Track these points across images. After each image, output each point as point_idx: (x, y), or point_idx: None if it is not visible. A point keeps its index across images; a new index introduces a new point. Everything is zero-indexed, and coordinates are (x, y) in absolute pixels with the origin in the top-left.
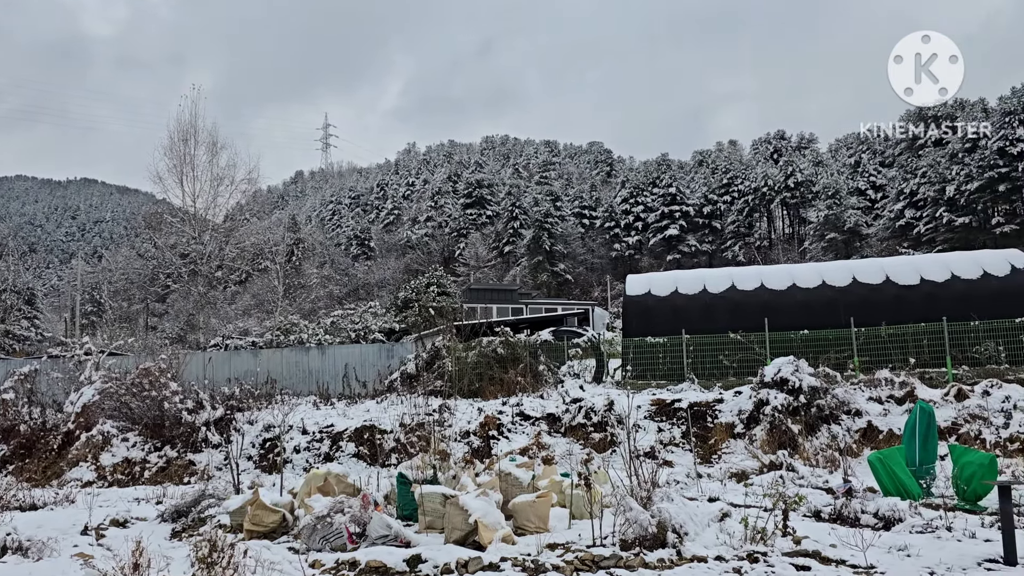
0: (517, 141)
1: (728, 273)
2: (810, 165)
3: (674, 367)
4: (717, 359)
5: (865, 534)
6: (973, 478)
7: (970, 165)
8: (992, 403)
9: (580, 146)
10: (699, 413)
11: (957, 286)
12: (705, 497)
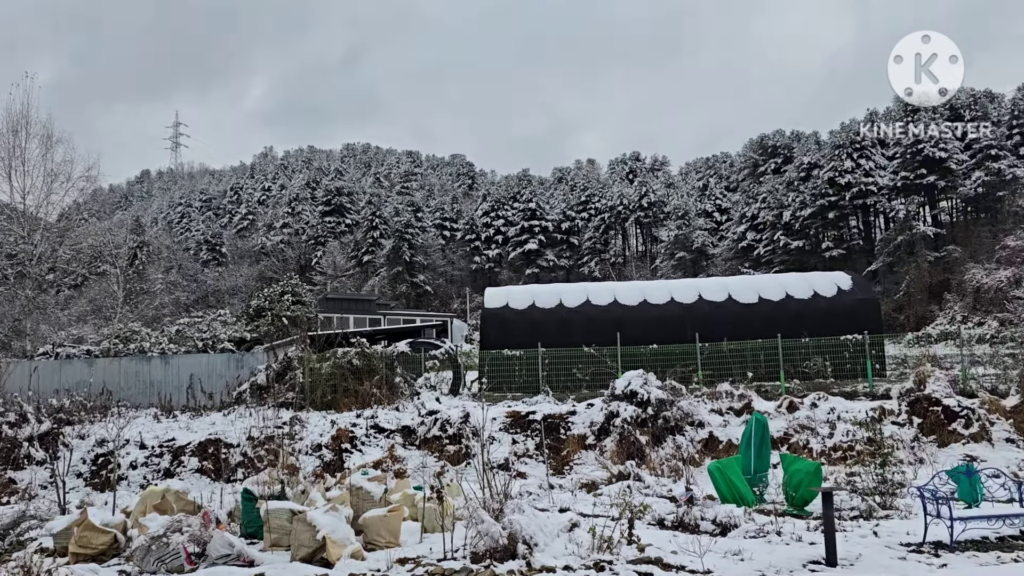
0: (379, 150)
1: (584, 288)
2: (662, 186)
3: (530, 379)
4: (571, 372)
5: (703, 540)
6: (801, 485)
7: (804, 193)
8: (819, 414)
9: (443, 158)
10: (553, 425)
11: (791, 305)
12: (556, 508)
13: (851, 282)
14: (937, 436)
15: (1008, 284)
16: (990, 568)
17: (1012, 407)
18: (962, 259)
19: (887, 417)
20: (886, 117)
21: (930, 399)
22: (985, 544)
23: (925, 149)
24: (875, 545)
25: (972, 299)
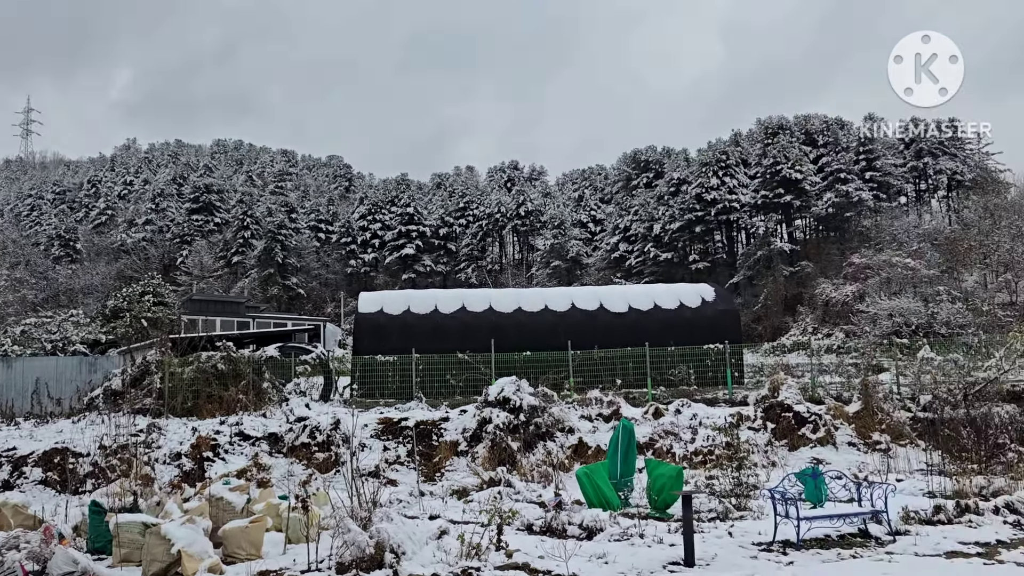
0: (252, 147)
1: (460, 295)
2: (540, 196)
3: (403, 386)
4: (446, 378)
5: (569, 544)
6: (664, 489)
7: (674, 207)
8: (682, 420)
9: (319, 159)
10: (425, 432)
11: (658, 315)
12: (426, 515)
13: (714, 294)
14: (788, 440)
15: (853, 299)
16: (831, 564)
17: (854, 413)
18: (814, 274)
19: (744, 423)
20: (749, 138)
21: (783, 406)
22: (828, 542)
23: (783, 170)
24: (730, 545)
25: (822, 312)
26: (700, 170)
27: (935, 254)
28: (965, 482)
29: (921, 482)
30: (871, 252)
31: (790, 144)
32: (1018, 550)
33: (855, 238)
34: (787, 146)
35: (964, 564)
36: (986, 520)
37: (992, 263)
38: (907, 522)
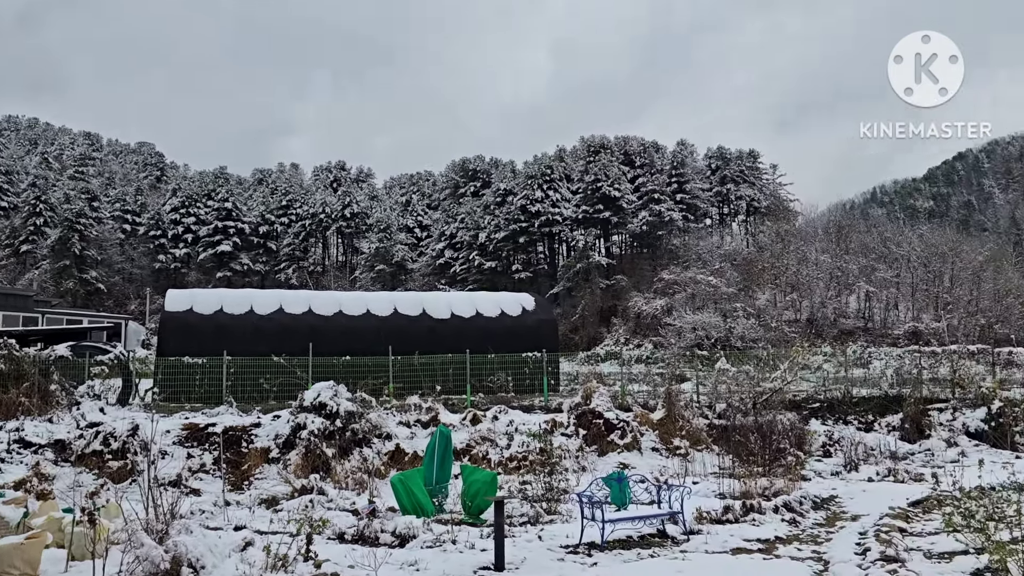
0: (50, 127)
1: (278, 295)
2: (366, 198)
3: (213, 390)
4: (260, 383)
5: (379, 552)
6: (478, 495)
7: (499, 217)
8: (499, 427)
9: (128, 144)
10: (235, 438)
11: (480, 322)
12: (231, 526)
13: (534, 303)
14: (598, 446)
15: (662, 312)
16: (631, 564)
17: (658, 420)
18: (628, 288)
19: (558, 429)
20: (572, 154)
21: (594, 413)
22: (630, 542)
23: (603, 188)
24: (539, 549)
25: (634, 324)
26: (526, 182)
27: (734, 273)
28: (751, 484)
29: (714, 484)
30: (679, 269)
31: (610, 163)
32: (792, 545)
33: (666, 255)
34: (608, 165)
35: (747, 559)
36: (767, 518)
37: (782, 283)
38: (700, 522)
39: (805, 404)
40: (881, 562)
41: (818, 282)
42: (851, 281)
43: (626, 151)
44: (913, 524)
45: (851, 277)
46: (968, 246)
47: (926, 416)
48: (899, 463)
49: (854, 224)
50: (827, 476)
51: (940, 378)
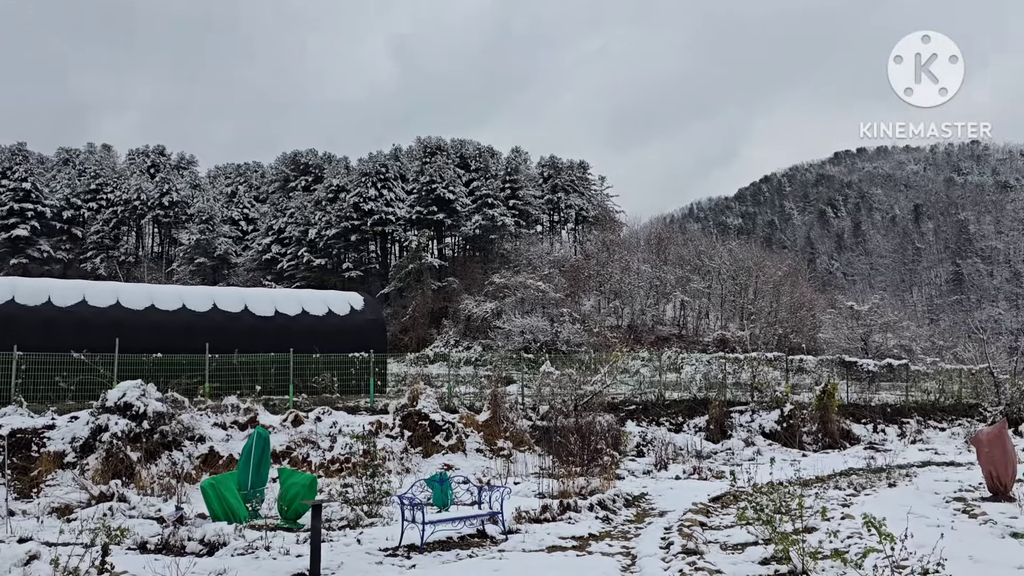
0: None
1: (80, 286)
2: (188, 187)
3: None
4: (55, 381)
5: (183, 562)
6: (296, 499)
7: (331, 213)
8: (322, 428)
9: None
10: (23, 441)
11: (306, 321)
12: (15, 538)
13: (363, 303)
14: (423, 447)
15: (492, 315)
16: (450, 565)
17: (483, 421)
18: (459, 290)
19: (383, 431)
20: (408, 154)
21: (420, 414)
22: (450, 543)
23: (438, 189)
24: (358, 552)
25: (464, 326)
26: (360, 180)
27: (562, 279)
28: (569, 483)
29: (535, 484)
30: (510, 273)
31: (446, 165)
32: (604, 541)
33: (497, 259)
34: (443, 167)
35: (561, 556)
36: (583, 517)
37: (606, 291)
38: (520, 521)
39: (623, 406)
40: (682, 555)
41: (639, 290)
42: (668, 290)
43: (462, 154)
44: (712, 518)
45: (668, 287)
46: (770, 262)
47: (728, 418)
48: (703, 462)
49: (673, 237)
50: (640, 475)
51: (742, 383)
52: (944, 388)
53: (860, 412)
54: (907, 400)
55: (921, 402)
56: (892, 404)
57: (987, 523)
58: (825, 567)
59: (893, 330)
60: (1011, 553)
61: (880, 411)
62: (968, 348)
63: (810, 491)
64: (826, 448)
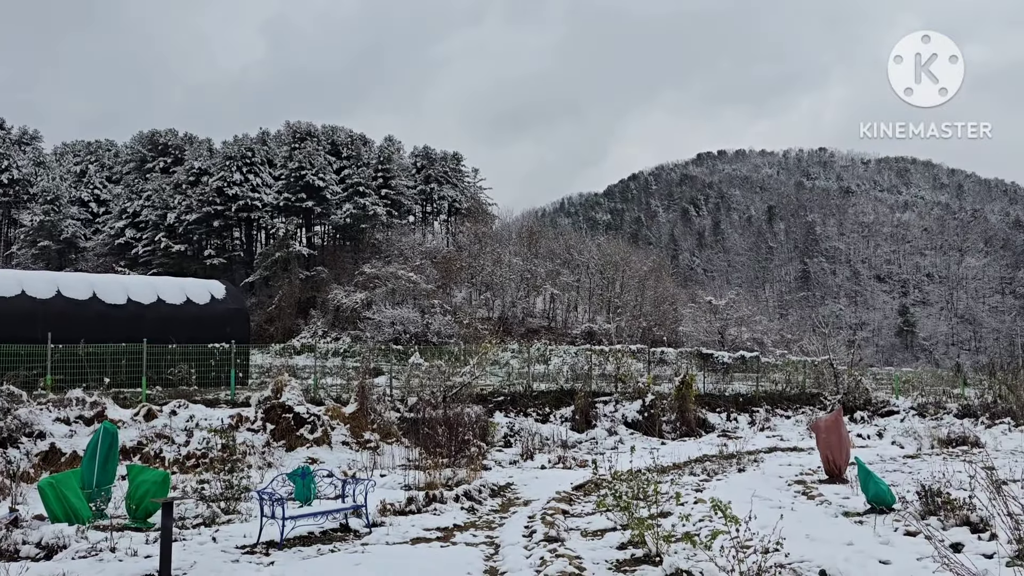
0: None
1: None
2: (31, 164)
3: None
4: None
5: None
6: (146, 496)
7: (192, 197)
8: (178, 422)
9: None
10: None
11: (162, 309)
12: None
13: (225, 291)
14: (287, 441)
15: (362, 306)
16: (311, 560)
17: (350, 414)
18: (328, 280)
19: (244, 424)
20: (277, 139)
21: (284, 407)
22: (311, 539)
23: (307, 176)
24: (212, 551)
25: (333, 316)
26: (224, 163)
27: (434, 271)
28: (436, 475)
29: (401, 476)
30: (381, 264)
31: (316, 152)
32: (469, 531)
33: (368, 249)
34: (313, 153)
35: (425, 547)
36: (449, 507)
37: (477, 283)
38: (384, 514)
39: (491, 397)
40: (544, 542)
41: (510, 283)
42: (539, 283)
43: (333, 141)
44: (575, 506)
45: (539, 280)
46: (636, 257)
47: (593, 408)
48: (568, 451)
49: (544, 231)
50: (506, 465)
51: (607, 374)
52: (790, 379)
53: (715, 402)
54: (757, 390)
55: (770, 392)
56: (744, 394)
57: (823, 503)
58: (677, 549)
59: (747, 324)
60: (842, 531)
61: (733, 400)
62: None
63: (667, 478)
64: (684, 436)
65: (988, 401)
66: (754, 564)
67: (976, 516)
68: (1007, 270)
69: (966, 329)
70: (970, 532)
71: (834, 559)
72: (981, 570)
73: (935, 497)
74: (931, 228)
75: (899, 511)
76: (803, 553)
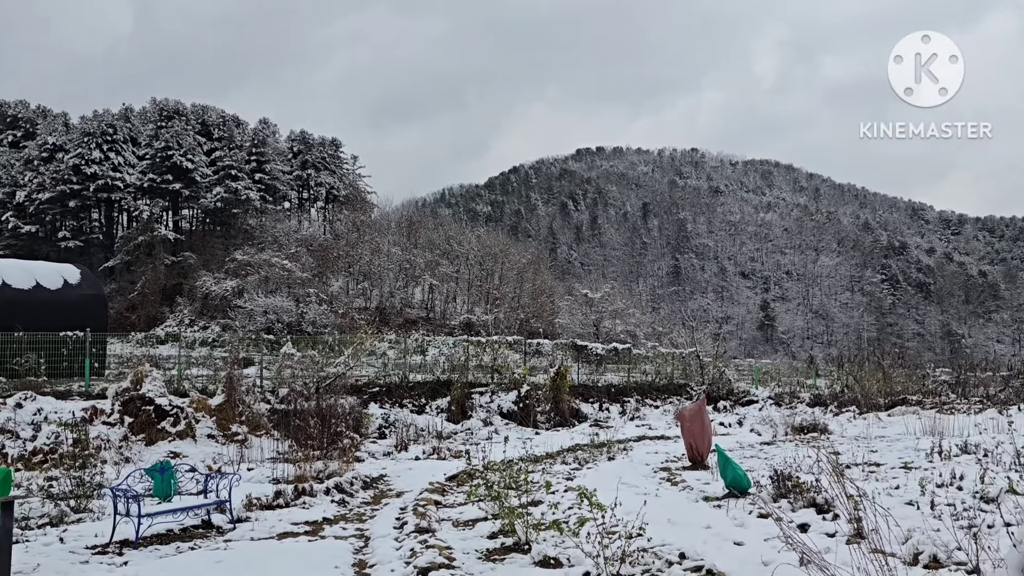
0: None
1: None
2: None
3: None
4: None
5: None
6: None
7: (45, 175)
8: (23, 416)
9: None
10: None
11: (7, 294)
12: None
13: (80, 276)
14: (147, 435)
15: (233, 294)
16: (169, 559)
17: (217, 405)
18: (196, 266)
19: (99, 417)
20: (142, 116)
21: (144, 399)
22: (170, 536)
23: (175, 157)
24: (59, 552)
25: (201, 304)
26: (82, 139)
27: (310, 259)
28: (307, 467)
29: (270, 470)
30: (254, 250)
31: (185, 131)
32: (339, 525)
33: (240, 235)
34: (181, 133)
35: (292, 542)
36: (318, 501)
37: (355, 272)
38: (250, 509)
39: (366, 388)
40: (415, 533)
41: (388, 273)
42: (418, 274)
43: (204, 121)
44: (448, 497)
45: (418, 270)
46: (515, 249)
47: (470, 399)
48: (444, 442)
49: (424, 221)
50: (380, 457)
51: (484, 365)
52: (660, 370)
53: (589, 392)
54: (629, 381)
55: (640, 382)
56: (616, 384)
57: (686, 489)
58: (546, 537)
59: (621, 317)
60: (702, 515)
61: (606, 391)
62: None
63: (539, 467)
64: (558, 426)
65: (836, 391)
66: (618, 549)
67: (821, 498)
68: (856, 269)
69: (820, 324)
70: (816, 513)
71: (693, 542)
72: (823, 548)
73: (786, 481)
74: (791, 228)
75: (754, 495)
76: (665, 537)
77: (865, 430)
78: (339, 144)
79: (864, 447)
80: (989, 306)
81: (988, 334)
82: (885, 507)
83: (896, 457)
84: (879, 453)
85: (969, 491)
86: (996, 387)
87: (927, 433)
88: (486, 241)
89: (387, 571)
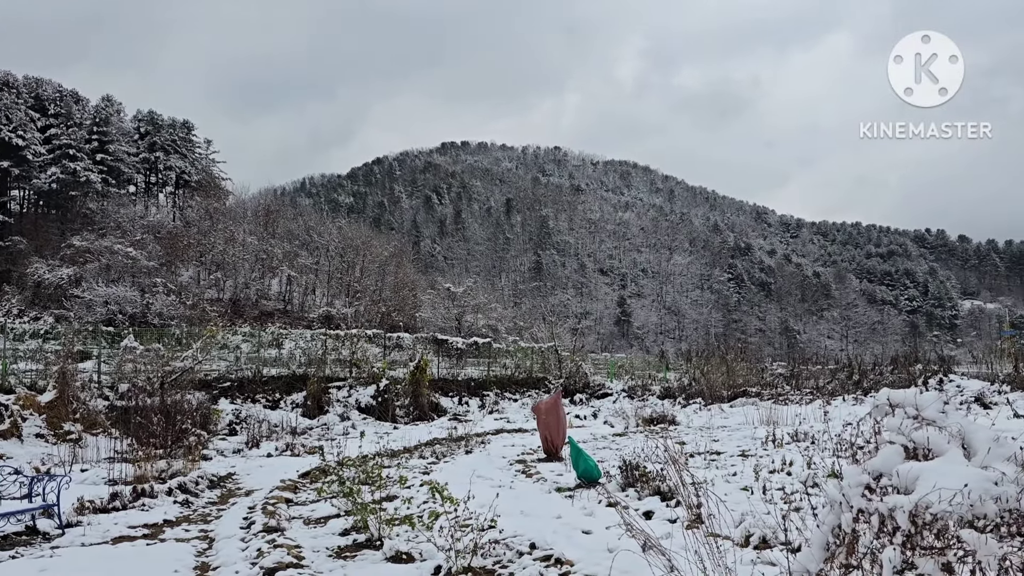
0: None
1: None
2: None
3: None
4: None
5: None
6: None
7: None
8: None
9: None
10: None
11: None
12: None
13: None
14: None
15: (69, 282)
16: None
17: (48, 402)
18: (27, 252)
19: None
20: None
21: None
22: None
23: (3, 133)
24: None
25: (33, 293)
26: None
27: (157, 247)
28: (147, 467)
29: (107, 470)
30: (94, 236)
31: (16, 105)
32: (181, 526)
33: (79, 219)
34: (12, 106)
35: (128, 547)
36: (160, 502)
37: (207, 261)
38: (82, 513)
39: (217, 383)
40: (264, 533)
41: (244, 263)
42: (275, 264)
43: (38, 95)
44: (300, 494)
45: (276, 261)
46: (378, 242)
47: (327, 393)
48: (298, 438)
49: (283, 210)
50: (229, 454)
51: (343, 359)
52: (520, 364)
53: (449, 386)
54: (489, 375)
55: (500, 376)
56: (476, 378)
57: (539, 481)
58: (399, 532)
59: (483, 311)
60: (553, 505)
61: (466, 385)
62: (542, 329)
63: (396, 462)
64: (417, 420)
65: (685, 384)
66: (471, 541)
67: (666, 486)
68: (706, 268)
69: (672, 319)
70: (660, 501)
71: (543, 532)
72: (664, 533)
73: (634, 471)
74: (647, 227)
75: (604, 485)
76: (517, 528)
77: (709, 420)
78: (191, 126)
79: (707, 437)
80: (822, 304)
81: (820, 330)
82: (723, 493)
83: (735, 446)
84: (720, 442)
85: (797, 476)
86: (825, 379)
87: (764, 423)
88: (348, 232)
89: (231, 573)
